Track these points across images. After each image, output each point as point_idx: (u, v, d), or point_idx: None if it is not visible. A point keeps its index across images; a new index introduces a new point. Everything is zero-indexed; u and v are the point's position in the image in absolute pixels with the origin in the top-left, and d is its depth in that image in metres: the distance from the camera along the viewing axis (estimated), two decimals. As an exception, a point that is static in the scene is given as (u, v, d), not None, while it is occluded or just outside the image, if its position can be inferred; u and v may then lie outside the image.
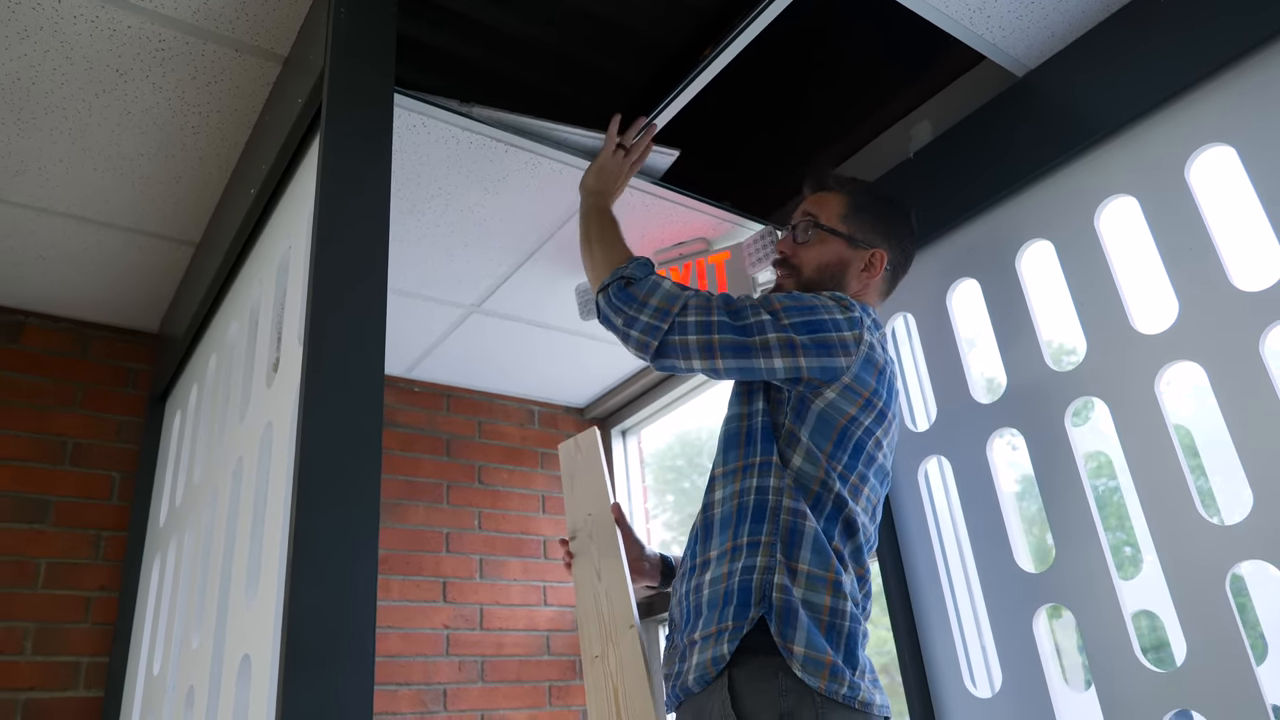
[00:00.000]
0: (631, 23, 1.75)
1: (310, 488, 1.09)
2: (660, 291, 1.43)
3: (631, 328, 1.41)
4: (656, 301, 1.41)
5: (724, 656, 1.28)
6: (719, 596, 1.33)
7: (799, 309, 1.40)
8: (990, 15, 1.70)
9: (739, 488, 1.40)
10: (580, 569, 1.72)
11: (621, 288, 1.45)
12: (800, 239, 1.62)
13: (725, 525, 1.39)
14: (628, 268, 1.48)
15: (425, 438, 2.88)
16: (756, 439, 1.42)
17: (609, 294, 1.46)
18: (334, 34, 1.37)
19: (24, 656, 2.09)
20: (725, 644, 1.28)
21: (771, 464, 1.38)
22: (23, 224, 2.04)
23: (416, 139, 1.87)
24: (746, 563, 1.33)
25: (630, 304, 1.42)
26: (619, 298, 1.44)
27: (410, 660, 2.57)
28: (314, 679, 1.00)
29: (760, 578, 1.31)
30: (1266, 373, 1.44)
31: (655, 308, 1.40)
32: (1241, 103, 1.54)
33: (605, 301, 1.46)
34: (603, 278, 1.50)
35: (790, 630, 1.26)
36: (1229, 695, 1.40)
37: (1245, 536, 1.43)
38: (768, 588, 1.29)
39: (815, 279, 1.59)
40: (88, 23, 1.53)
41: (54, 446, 2.29)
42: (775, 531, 1.34)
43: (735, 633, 1.28)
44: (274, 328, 1.54)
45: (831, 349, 1.37)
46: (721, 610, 1.31)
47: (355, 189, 1.30)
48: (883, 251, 1.59)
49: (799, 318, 1.39)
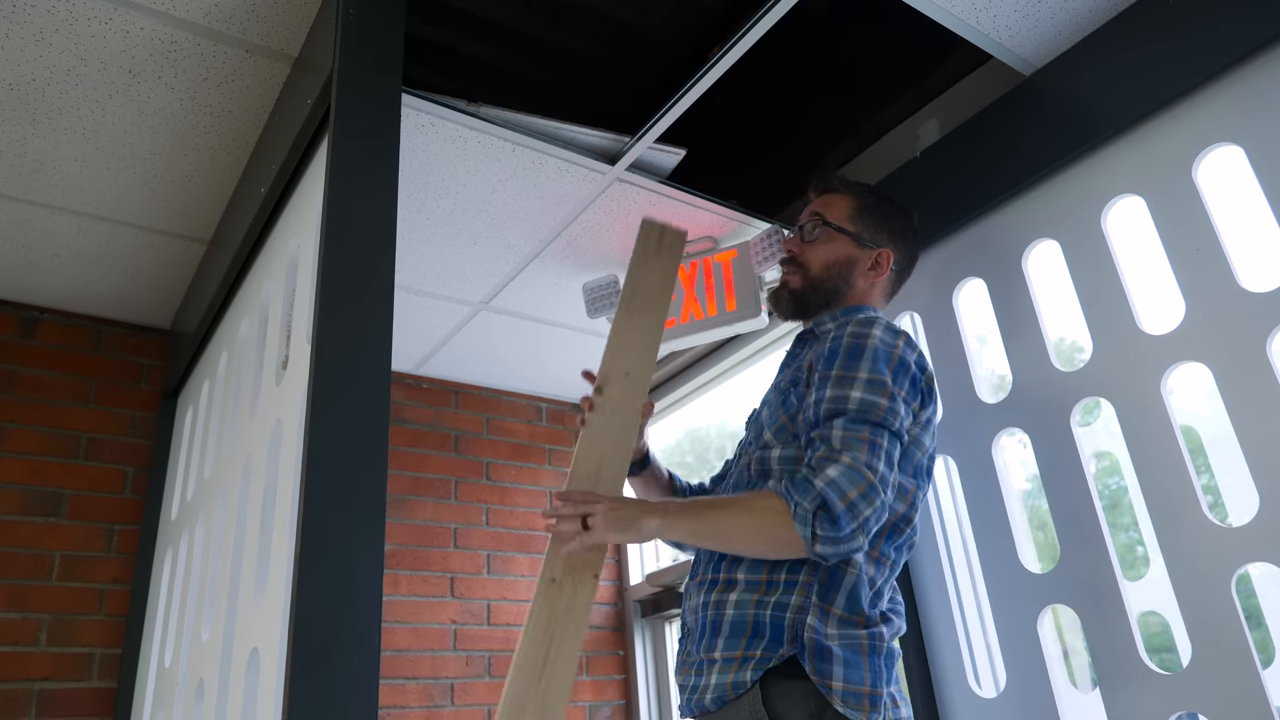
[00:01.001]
0: (641, 21, 1.76)
1: (317, 485, 1.11)
2: (844, 484, 1.26)
3: (870, 532, 1.28)
4: (856, 493, 1.25)
5: (746, 683, 1.28)
6: (745, 624, 1.33)
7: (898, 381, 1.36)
8: (997, 15, 1.70)
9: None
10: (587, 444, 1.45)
11: (831, 522, 1.24)
12: (808, 238, 1.62)
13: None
14: (800, 506, 1.26)
15: (433, 434, 2.90)
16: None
17: (827, 540, 1.25)
18: (342, 35, 1.38)
19: (39, 647, 2.12)
20: (749, 671, 1.29)
21: None
22: (38, 222, 2.07)
23: (425, 138, 1.88)
24: (781, 599, 1.32)
25: (851, 522, 1.25)
26: (840, 532, 1.25)
27: (418, 655, 2.59)
28: (320, 674, 1.02)
29: (794, 617, 1.30)
30: (1273, 374, 1.44)
31: (863, 498, 1.26)
32: (1249, 103, 1.54)
33: (831, 546, 1.25)
34: (795, 539, 1.26)
35: (826, 665, 1.26)
36: (1234, 698, 1.40)
37: (1251, 539, 1.43)
38: (800, 628, 1.29)
39: (822, 277, 1.59)
40: (101, 24, 1.55)
41: (68, 441, 2.32)
42: (815, 573, 1.33)
43: (761, 662, 1.28)
44: (283, 325, 1.56)
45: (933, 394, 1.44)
46: (749, 639, 1.31)
47: (363, 188, 1.31)
48: (889, 251, 1.60)
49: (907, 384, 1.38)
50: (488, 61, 1.86)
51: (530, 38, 1.78)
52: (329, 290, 1.22)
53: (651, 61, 1.85)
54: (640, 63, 1.86)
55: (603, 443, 1.46)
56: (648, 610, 3.01)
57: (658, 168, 2.10)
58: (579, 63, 1.90)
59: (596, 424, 1.48)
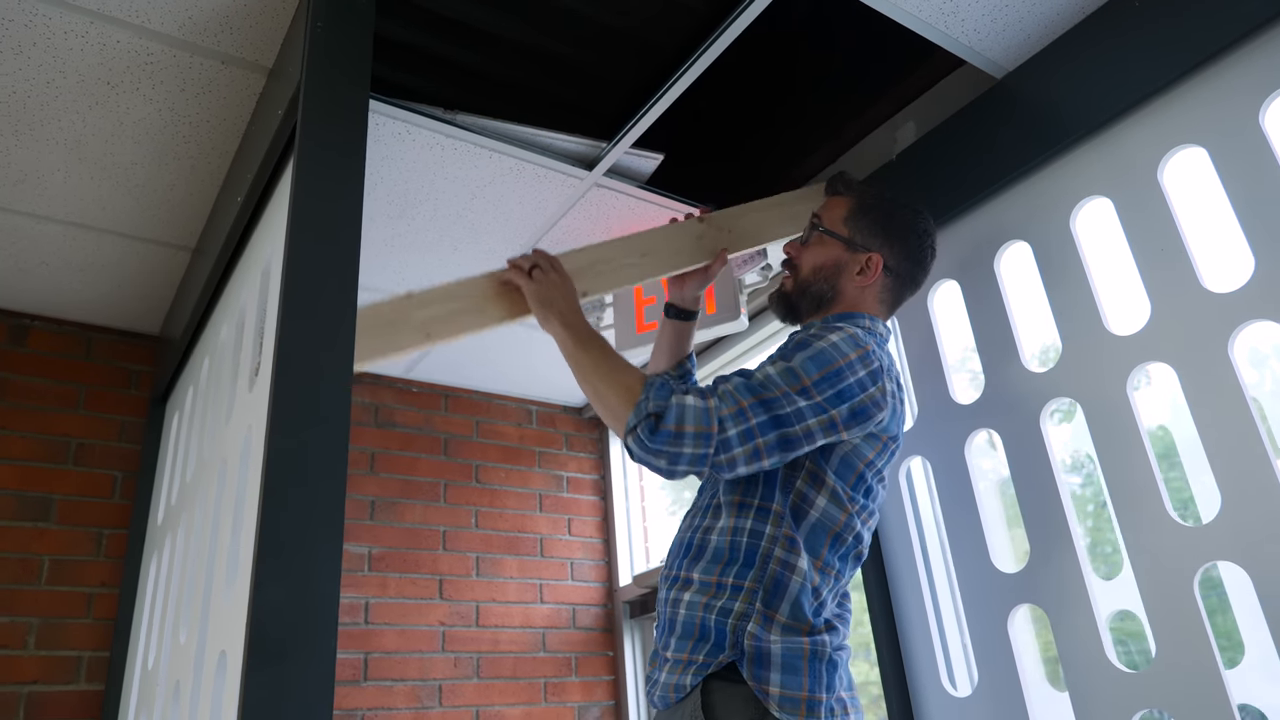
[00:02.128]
0: (621, 24, 1.77)
1: (275, 488, 1.13)
2: (690, 414, 1.30)
3: (677, 464, 1.31)
4: (692, 428, 1.29)
5: (685, 687, 1.31)
6: (693, 627, 1.34)
7: (827, 379, 1.34)
8: (965, 19, 1.72)
9: (734, 524, 1.39)
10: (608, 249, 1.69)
11: (652, 428, 1.30)
12: (804, 240, 1.63)
13: (716, 558, 1.38)
14: (648, 401, 1.33)
15: (423, 437, 2.93)
16: (759, 479, 1.40)
17: (639, 437, 1.31)
18: (310, 46, 1.40)
19: (27, 651, 2.15)
20: (690, 675, 1.31)
21: (770, 510, 1.37)
22: (25, 231, 2.10)
23: (402, 146, 1.91)
24: (725, 604, 1.33)
25: (667, 441, 1.29)
26: (654, 441, 1.30)
27: (406, 656, 2.62)
28: (274, 674, 1.04)
29: (735, 623, 1.31)
30: (1235, 374, 1.45)
31: (693, 435, 1.29)
32: (1212, 105, 1.55)
33: (638, 445, 1.32)
34: (622, 418, 1.35)
35: (763, 671, 1.27)
36: (1196, 696, 1.41)
37: (1214, 537, 1.44)
38: (740, 634, 1.30)
39: (809, 280, 1.58)
40: (78, 38, 1.58)
41: (58, 447, 2.36)
42: (760, 579, 1.33)
43: (702, 668, 1.30)
44: (257, 332, 1.58)
45: (867, 413, 1.36)
46: (695, 643, 1.33)
47: (327, 197, 1.33)
48: (879, 256, 1.54)
49: (830, 390, 1.33)
50: (469, 66, 1.88)
51: (509, 41, 1.80)
52: (292, 296, 1.25)
53: (632, 65, 1.86)
54: (621, 66, 1.88)
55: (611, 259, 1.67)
56: (636, 611, 3.03)
57: (636, 172, 2.12)
58: (560, 67, 1.91)
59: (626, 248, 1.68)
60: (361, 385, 2.89)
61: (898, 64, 2.06)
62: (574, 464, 3.24)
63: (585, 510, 3.19)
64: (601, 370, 1.42)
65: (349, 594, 2.61)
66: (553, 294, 1.51)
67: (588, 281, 1.65)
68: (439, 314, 1.52)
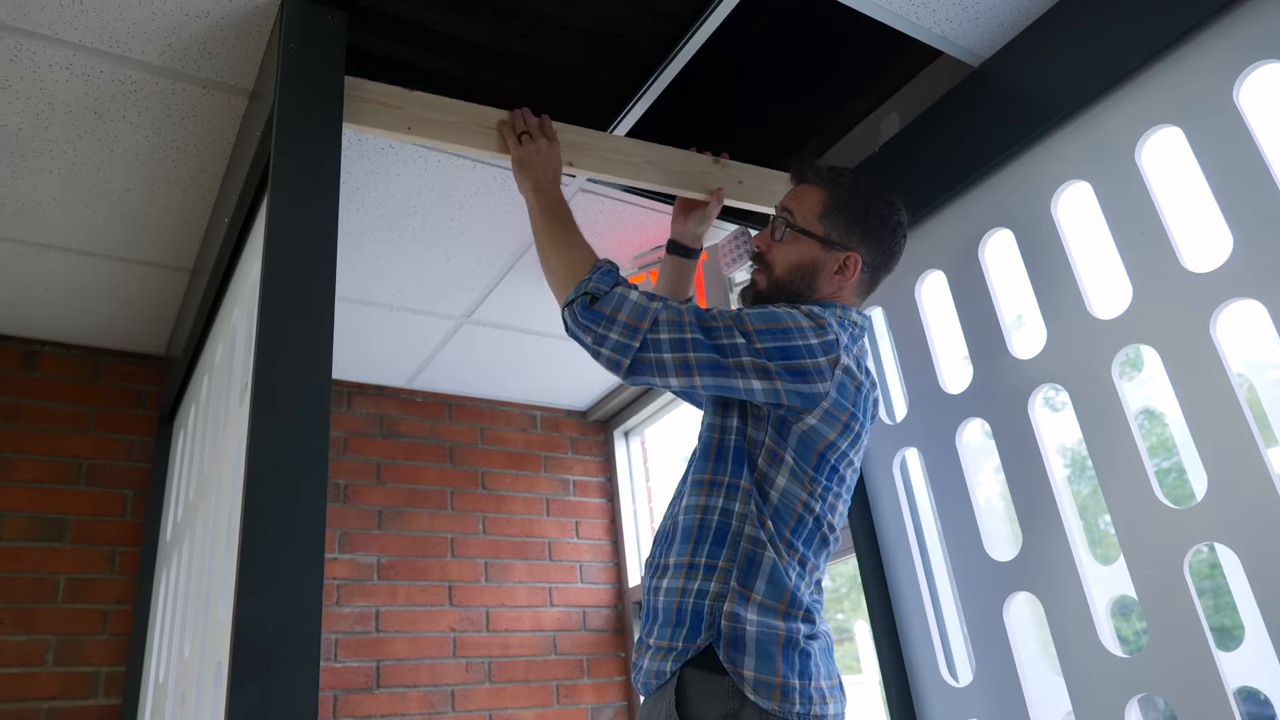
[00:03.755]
0: (601, 28, 1.78)
1: (256, 501, 1.16)
2: (628, 305, 1.35)
3: (602, 345, 1.35)
4: (625, 317, 1.34)
5: (665, 673, 1.31)
6: (671, 612, 1.35)
7: (771, 332, 1.35)
8: (935, 9, 1.72)
9: (704, 503, 1.39)
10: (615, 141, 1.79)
11: (586, 305, 1.36)
12: (776, 236, 1.56)
13: (686, 538, 1.38)
14: (590, 281, 1.38)
15: (428, 446, 2.96)
16: (728, 457, 1.40)
17: (574, 310, 1.37)
18: (282, 68, 1.43)
19: (46, 667, 2.21)
20: (670, 662, 1.31)
21: (739, 488, 1.37)
22: (27, 260, 2.15)
23: (385, 160, 1.94)
24: (701, 585, 1.33)
25: (598, 321, 1.34)
26: (585, 316, 1.36)
27: (418, 663, 2.65)
28: (257, 684, 1.07)
29: (711, 604, 1.31)
30: (1217, 354, 1.44)
31: (624, 324, 1.34)
32: (1186, 84, 1.54)
33: (571, 318, 1.38)
34: (565, 290, 1.41)
35: (738, 655, 1.27)
36: (1190, 679, 1.41)
37: (1201, 519, 1.43)
38: (717, 614, 1.30)
39: (785, 279, 1.54)
40: (62, 70, 1.62)
41: (70, 468, 2.41)
42: (734, 558, 1.33)
43: (681, 654, 1.30)
44: (246, 349, 1.61)
45: (807, 375, 1.34)
46: (674, 629, 1.33)
47: (302, 214, 1.36)
48: (857, 255, 1.51)
49: (772, 342, 1.33)
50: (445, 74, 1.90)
51: (485, 49, 1.82)
52: (269, 311, 1.28)
53: (610, 68, 1.88)
54: (599, 69, 1.89)
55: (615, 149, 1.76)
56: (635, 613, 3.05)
57: (622, 175, 2.14)
58: (538, 73, 1.93)
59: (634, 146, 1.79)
60: (366, 397, 2.93)
61: (877, 56, 2.06)
62: (580, 467, 3.26)
63: (592, 513, 3.21)
64: (558, 241, 1.48)
65: (359, 603, 2.64)
66: (533, 161, 1.58)
67: (581, 158, 1.73)
68: (429, 117, 1.59)
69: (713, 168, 1.88)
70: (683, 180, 1.83)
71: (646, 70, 1.86)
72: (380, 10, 1.66)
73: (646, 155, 1.81)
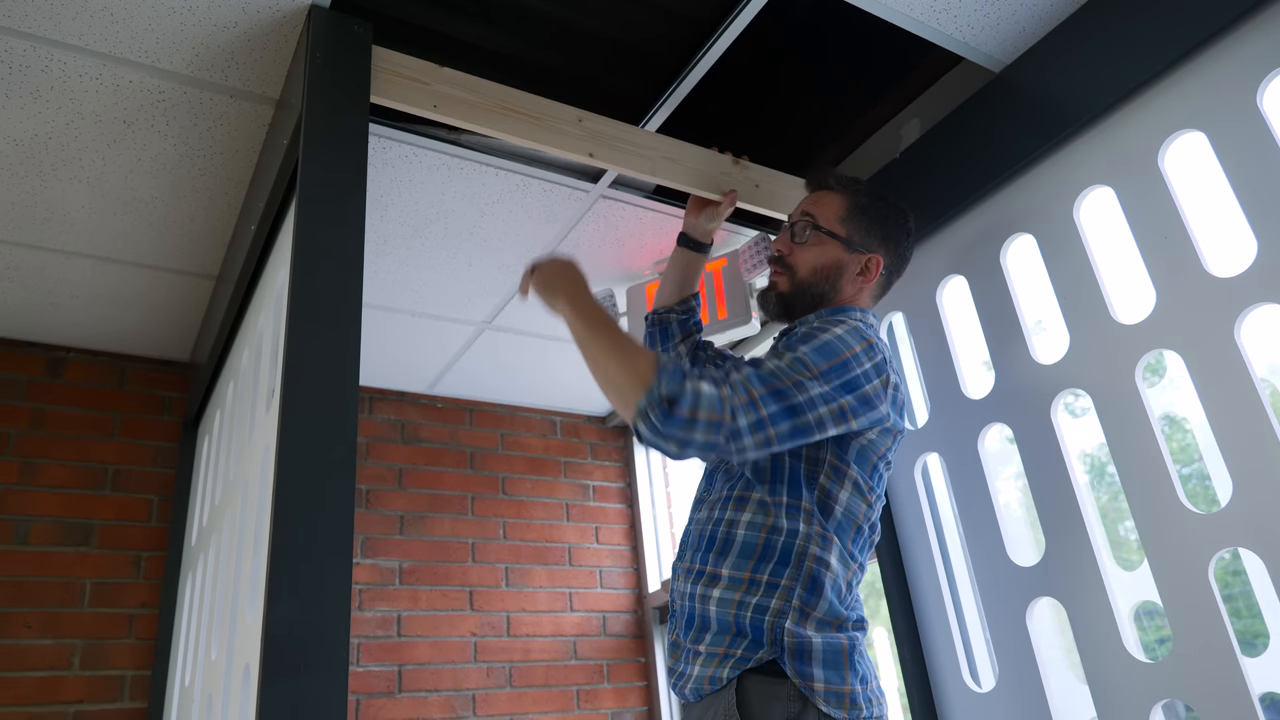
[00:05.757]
0: (622, 36, 1.80)
1: (286, 504, 1.17)
2: (705, 402, 1.27)
3: (687, 449, 1.29)
4: (705, 416, 1.27)
5: (721, 679, 1.31)
6: (728, 623, 1.34)
7: (836, 370, 1.34)
8: (957, 15, 1.72)
9: (768, 522, 1.38)
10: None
11: (666, 414, 1.27)
12: (798, 239, 1.58)
13: (746, 553, 1.37)
14: (660, 385, 1.28)
15: (449, 452, 2.98)
16: (784, 476, 1.40)
17: (652, 422, 1.28)
18: (309, 77, 1.45)
19: (73, 671, 2.23)
20: (728, 669, 1.31)
21: (801, 509, 1.38)
22: (55, 267, 2.18)
23: (409, 168, 1.95)
24: (761, 601, 1.33)
25: (680, 428, 1.26)
26: (665, 425, 1.27)
27: (439, 668, 2.66)
28: (288, 687, 1.08)
29: (773, 620, 1.31)
30: (1242, 358, 1.44)
31: (706, 423, 1.27)
32: (1209, 88, 1.54)
33: (649, 430, 1.28)
34: (634, 400, 1.30)
35: (806, 667, 1.28)
36: (1215, 685, 1.40)
37: (1226, 524, 1.42)
38: (779, 631, 1.31)
39: (809, 281, 1.56)
40: (92, 80, 1.64)
41: (96, 473, 2.44)
42: (798, 577, 1.34)
43: (740, 662, 1.31)
44: (272, 356, 1.63)
45: (873, 403, 1.36)
46: (732, 638, 1.33)
47: (330, 220, 1.38)
48: (879, 257, 1.56)
49: (838, 379, 1.33)
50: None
51: (508, 58, 1.83)
52: (298, 318, 1.29)
53: (631, 76, 1.89)
54: (620, 78, 1.91)
55: (637, 142, 1.77)
56: (666, 617, 3.04)
57: (641, 183, 2.15)
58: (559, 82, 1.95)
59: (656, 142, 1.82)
60: (387, 403, 2.95)
61: (898, 63, 2.06)
62: (600, 473, 3.27)
63: (612, 518, 3.21)
64: (611, 351, 1.37)
65: (381, 608, 2.66)
66: (556, 279, 1.50)
67: (599, 148, 1.76)
68: (458, 97, 1.61)
69: (732, 169, 1.91)
70: (699, 179, 1.87)
71: (668, 78, 1.87)
72: (404, 19, 1.68)
73: (669, 152, 1.85)
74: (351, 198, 1.41)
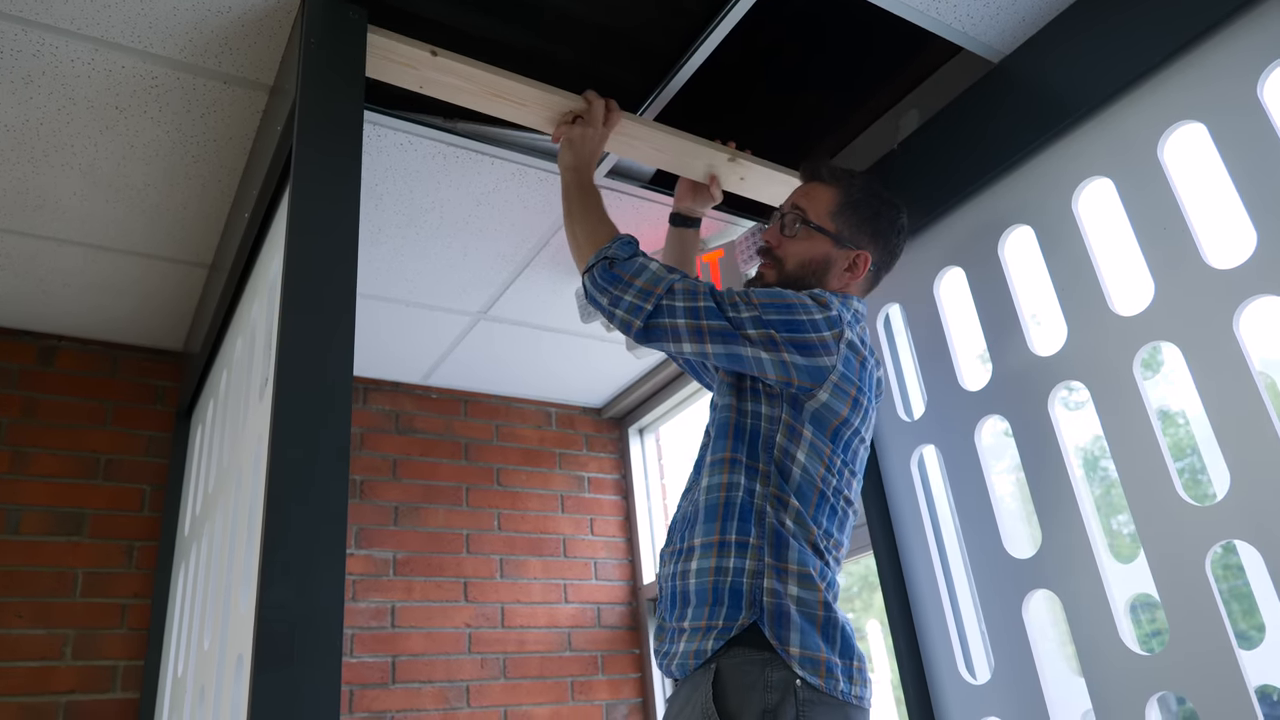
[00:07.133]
0: (618, 25, 1.78)
1: (279, 493, 1.16)
2: (646, 272, 1.42)
3: (616, 306, 1.42)
4: (641, 282, 1.41)
5: (705, 652, 1.31)
6: (706, 592, 1.34)
7: (776, 306, 1.39)
8: (956, 5, 1.71)
9: (726, 480, 1.40)
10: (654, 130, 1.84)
11: (606, 268, 1.44)
12: (787, 232, 1.59)
13: (711, 516, 1.39)
14: (612, 247, 1.47)
15: (444, 443, 2.97)
16: (745, 437, 1.42)
17: (594, 274, 1.45)
18: (304, 63, 1.44)
19: (65, 661, 2.22)
20: (710, 641, 1.31)
21: (758, 470, 1.40)
22: (46, 255, 2.17)
23: (405, 156, 1.94)
24: (735, 563, 1.34)
25: (615, 284, 1.42)
26: (604, 278, 1.44)
27: (433, 659, 2.66)
28: (280, 677, 1.07)
29: (750, 581, 1.32)
30: (1240, 350, 1.43)
31: (640, 288, 1.40)
32: (1209, 79, 1.53)
33: (590, 281, 1.46)
34: (587, 257, 1.50)
35: (784, 631, 1.28)
36: (1211, 678, 1.40)
37: (1223, 516, 1.42)
38: (758, 592, 1.31)
39: (797, 274, 1.57)
40: (84, 65, 1.63)
41: (88, 463, 2.43)
42: (762, 535, 1.35)
43: (723, 632, 1.31)
44: (266, 344, 1.62)
45: (813, 349, 1.38)
46: (711, 608, 1.33)
47: (324, 208, 1.36)
48: (867, 254, 1.57)
49: (777, 315, 1.38)
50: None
51: (504, 46, 1.82)
52: (291, 306, 1.28)
53: (627, 66, 1.88)
54: (616, 68, 1.89)
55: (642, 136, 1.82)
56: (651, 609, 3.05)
57: (638, 173, 2.14)
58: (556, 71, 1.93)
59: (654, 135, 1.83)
60: (381, 393, 2.94)
61: (896, 53, 2.05)
62: (594, 464, 3.26)
63: (607, 510, 3.21)
64: (586, 215, 1.56)
65: (375, 598, 2.65)
66: (582, 144, 1.66)
67: (614, 142, 1.82)
68: (446, 81, 1.62)
69: (722, 159, 1.91)
70: (691, 168, 1.91)
71: (664, 67, 1.86)
72: (400, 7, 1.66)
73: (669, 145, 1.85)
74: (346, 185, 1.40)
